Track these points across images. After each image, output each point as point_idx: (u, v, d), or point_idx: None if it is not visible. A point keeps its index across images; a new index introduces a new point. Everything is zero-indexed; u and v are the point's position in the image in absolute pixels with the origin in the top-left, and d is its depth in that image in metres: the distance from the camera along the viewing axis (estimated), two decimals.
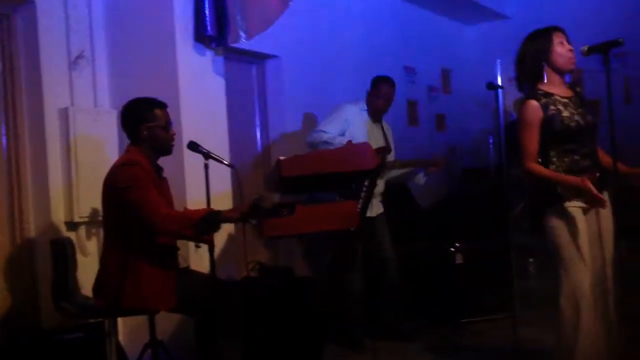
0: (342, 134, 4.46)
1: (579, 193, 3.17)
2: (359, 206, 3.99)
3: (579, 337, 3.16)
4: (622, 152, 3.17)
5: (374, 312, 4.61)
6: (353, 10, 5.93)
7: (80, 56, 4.15)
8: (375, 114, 4.67)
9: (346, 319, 4.47)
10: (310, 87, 5.28)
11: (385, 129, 4.73)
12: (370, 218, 4.47)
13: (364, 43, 5.91)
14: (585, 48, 3.24)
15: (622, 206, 3.26)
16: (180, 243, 3.47)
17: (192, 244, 3.75)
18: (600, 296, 3.23)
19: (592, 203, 3.13)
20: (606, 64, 3.16)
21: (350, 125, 4.50)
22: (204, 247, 3.56)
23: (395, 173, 4.74)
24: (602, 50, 3.18)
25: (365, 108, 4.65)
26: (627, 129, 6.39)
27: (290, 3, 4.10)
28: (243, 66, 5.17)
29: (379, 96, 4.64)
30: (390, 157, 4.63)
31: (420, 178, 4.75)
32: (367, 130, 4.58)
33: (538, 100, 3.22)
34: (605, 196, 3.27)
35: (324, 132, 4.42)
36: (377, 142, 4.51)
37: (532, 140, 3.22)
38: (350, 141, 4.33)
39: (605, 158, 3.33)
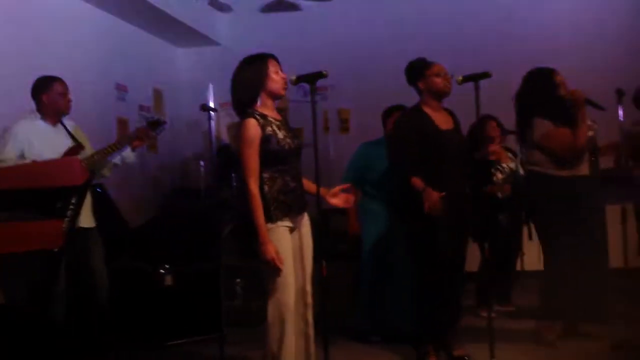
0: (22, 154, 4.10)
1: (287, 213, 3.36)
2: (65, 225, 3.74)
3: (282, 352, 3.31)
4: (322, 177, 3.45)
5: (79, 338, 4.33)
6: (58, 22, 5.61)
7: None
8: (56, 116, 4.30)
9: (46, 348, 4.12)
10: (11, 97, 4.82)
11: (70, 127, 4.37)
12: (82, 230, 4.21)
13: (70, 57, 5.61)
14: (294, 77, 3.46)
15: (321, 227, 3.54)
16: None
17: None
18: (301, 310, 3.43)
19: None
20: (312, 93, 3.41)
21: (29, 140, 4.13)
22: None
23: (104, 169, 4.51)
24: (309, 80, 3.43)
25: (39, 116, 4.25)
26: (326, 155, 7.01)
27: None
28: None
29: (57, 95, 4.26)
30: (86, 152, 4.31)
31: (131, 156, 4.51)
32: (50, 138, 4.22)
33: (257, 120, 3.35)
34: (305, 217, 3.50)
35: (1, 161, 4.01)
36: (64, 146, 4.22)
37: (254, 158, 3.32)
38: (34, 161, 4.00)
39: (308, 184, 3.57)
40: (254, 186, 3.31)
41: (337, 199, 3.58)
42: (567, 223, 4.18)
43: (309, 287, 3.48)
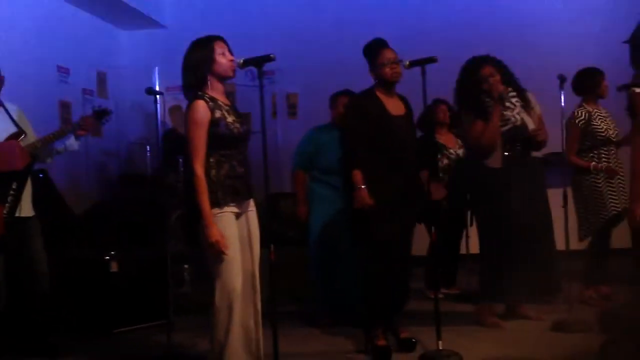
0: None
1: (234, 198, 3.33)
2: (6, 211, 3.63)
3: (230, 337, 3.30)
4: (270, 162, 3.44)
5: (21, 328, 4.23)
6: None
7: None
8: None
9: None
10: None
11: (12, 111, 4.18)
12: (21, 219, 4.07)
13: (8, 38, 5.44)
14: (241, 61, 3.41)
15: (269, 213, 3.52)
16: None
17: None
18: (249, 296, 3.42)
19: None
20: (260, 77, 3.38)
21: None
22: None
23: (47, 156, 4.36)
24: (257, 63, 3.39)
25: None
26: (274, 140, 6.98)
27: None
28: None
29: None
30: (29, 139, 4.13)
31: (74, 144, 4.38)
32: None
33: (206, 102, 3.30)
34: (251, 203, 3.48)
35: None
36: (5, 131, 4.04)
37: (201, 139, 3.27)
38: None
39: None
40: (199, 168, 3.26)
41: None
42: (494, 209, 4.34)
43: (257, 272, 3.46)
